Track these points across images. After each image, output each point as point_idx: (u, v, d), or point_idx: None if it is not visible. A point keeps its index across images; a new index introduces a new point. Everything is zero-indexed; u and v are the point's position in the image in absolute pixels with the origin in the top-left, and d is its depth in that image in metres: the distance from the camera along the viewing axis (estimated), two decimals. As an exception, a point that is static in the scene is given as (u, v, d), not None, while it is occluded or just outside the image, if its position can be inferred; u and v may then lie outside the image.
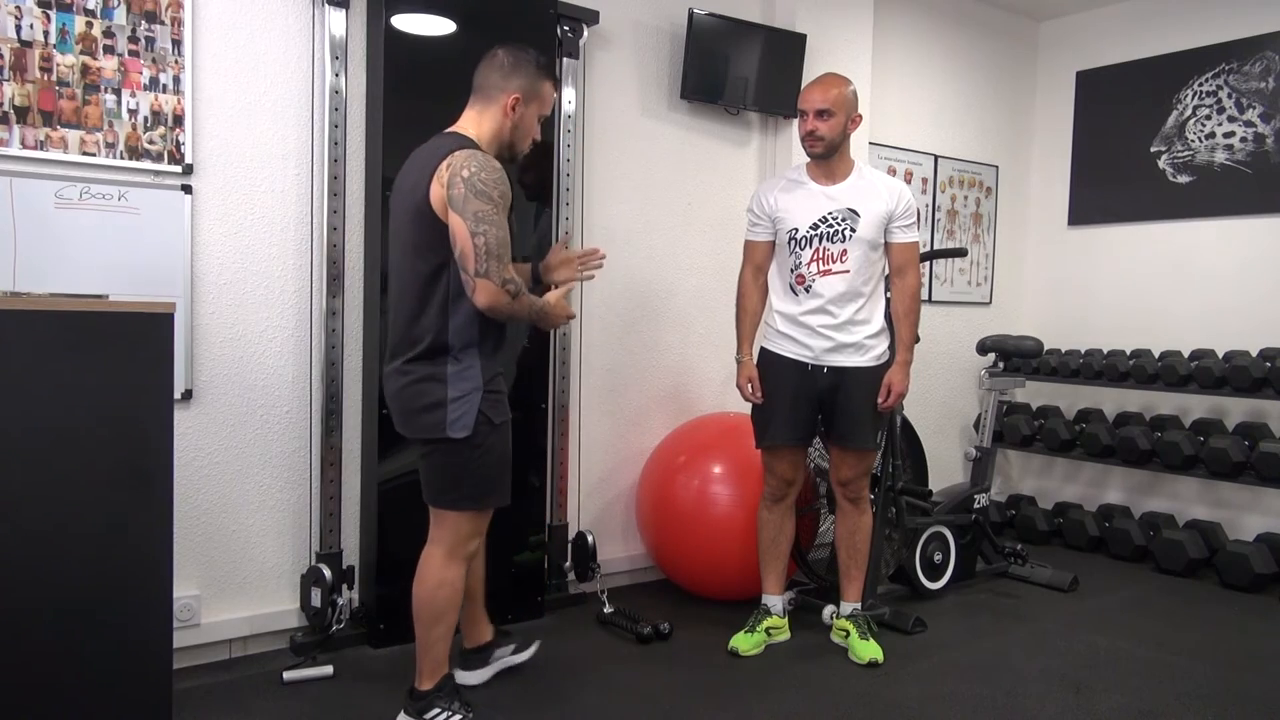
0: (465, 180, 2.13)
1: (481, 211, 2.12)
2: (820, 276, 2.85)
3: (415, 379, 2.24)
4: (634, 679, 2.78)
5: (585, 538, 3.38)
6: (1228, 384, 3.97)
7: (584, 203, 3.53)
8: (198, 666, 2.77)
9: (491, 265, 2.12)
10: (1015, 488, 5.08)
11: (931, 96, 4.72)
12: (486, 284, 2.12)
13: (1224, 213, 4.42)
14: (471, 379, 2.24)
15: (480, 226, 2.11)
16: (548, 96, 2.39)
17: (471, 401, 2.23)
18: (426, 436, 2.26)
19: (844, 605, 3.08)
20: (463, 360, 2.23)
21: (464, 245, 2.12)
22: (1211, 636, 3.28)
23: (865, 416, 2.89)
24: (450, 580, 2.32)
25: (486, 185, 2.14)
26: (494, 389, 2.29)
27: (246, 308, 2.85)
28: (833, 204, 2.86)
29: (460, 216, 2.12)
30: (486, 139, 2.31)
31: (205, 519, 2.81)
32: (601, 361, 3.63)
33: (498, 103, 2.31)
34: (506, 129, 2.33)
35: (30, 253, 2.48)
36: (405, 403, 2.27)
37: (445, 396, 2.21)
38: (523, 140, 2.39)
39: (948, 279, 4.86)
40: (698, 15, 3.64)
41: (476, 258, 2.11)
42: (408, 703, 2.40)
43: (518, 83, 2.31)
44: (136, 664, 1.92)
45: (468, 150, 2.19)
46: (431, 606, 2.32)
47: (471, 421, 2.23)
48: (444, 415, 2.21)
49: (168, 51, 2.67)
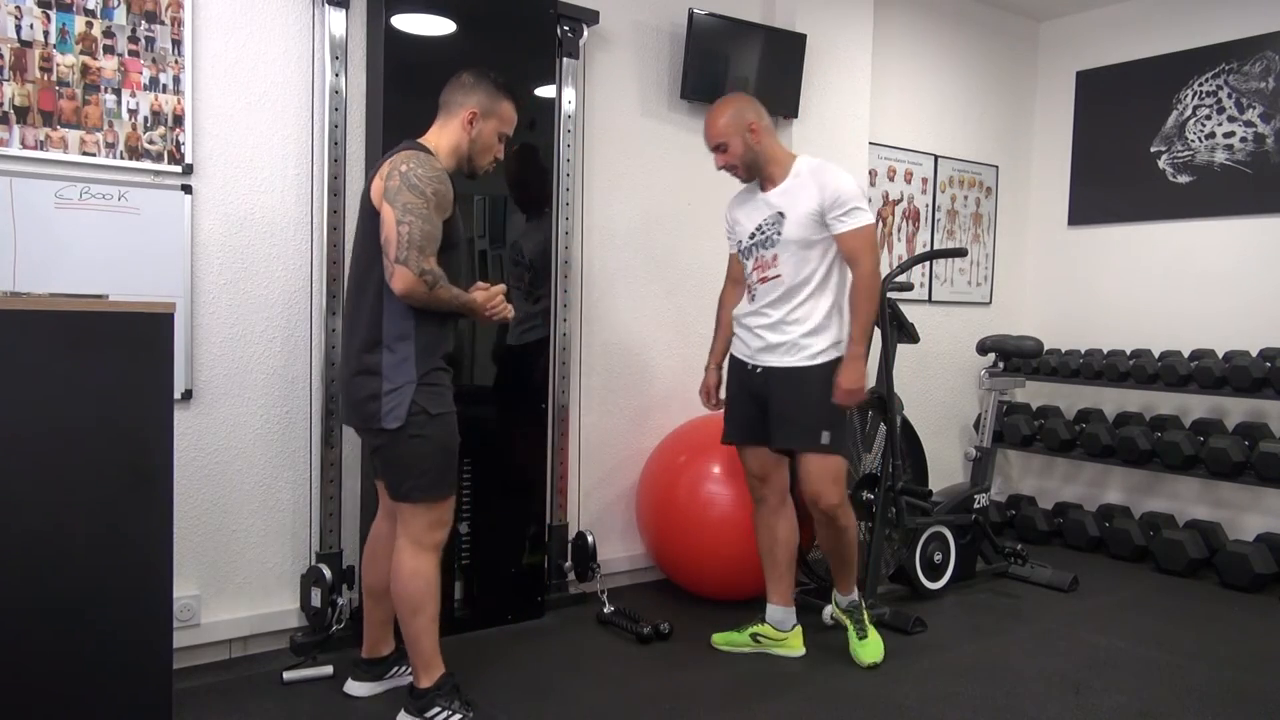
0: (402, 175, 2.23)
1: (410, 203, 2.20)
2: (760, 284, 2.89)
3: (358, 370, 2.32)
4: (634, 679, 2.78)
5: (585, 537, 3.38)
6: (1228, 384, 3.97)
7: (584, 203, 3.53)
8: (198, 666, 2.77)
9: (411, 254, 2.18)
10: (1015, 488, 5.08)
11: (931, 96, 4.72)
12: (404, 271, 2.18)
13: (1224, 213, 4.42)
14: (405, 372, 2.29)
15: (406, 217, 2.19)
16: (506, 115, 2.48)
17: (405, 393, 2.28)
18: (365, 427, 2.35)
19: (838, 597, 3.08)
20: (397, 352, 2.29)
21: (388, 232, 2.21)
22: (1211, 636, 3.28)
23: (792, 416, 2.82)
24: (422, 571, 2.35)
25: (420, 181, 2.23)
26: (430, 381, 2.33)
27: (246, 308, 2.85)
28: (768, 210, 2.87)
29: (390, 206, 2.21)
30: (445, 150, 2.40)
31: (205, 519, 2.81)
32: (601, 362, 3.63)
33: (457, 117, 2.41)
34: (465, 143, 2.42)
35: (30, 253, 2.48)
36: (349, 394, 2.37)
37: (380, 389, 2.28)
38: (482, 155, 2.46)
39: (948, 279, 4.86)
40: (698, 15, 3.64)
41: (397, 245, 2.19)
42: (408, 701, 2.41)
43: (476, 98, 2.41)
44: (136, 664, 1.92)
45: (412, 150, 2.31)
46: (407, 598, 2.35)
47: (404, 413, 2.28)
48: (379, 407, 2.28)
49: (168, 51, 2.67)
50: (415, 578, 2.34)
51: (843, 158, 4.17)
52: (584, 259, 3.54)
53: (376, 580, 2.54)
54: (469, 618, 3.12)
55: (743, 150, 2.82)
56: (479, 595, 3.15)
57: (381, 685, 2.62)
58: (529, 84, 3.23)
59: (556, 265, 3.36)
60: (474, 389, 3.09)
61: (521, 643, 3.05)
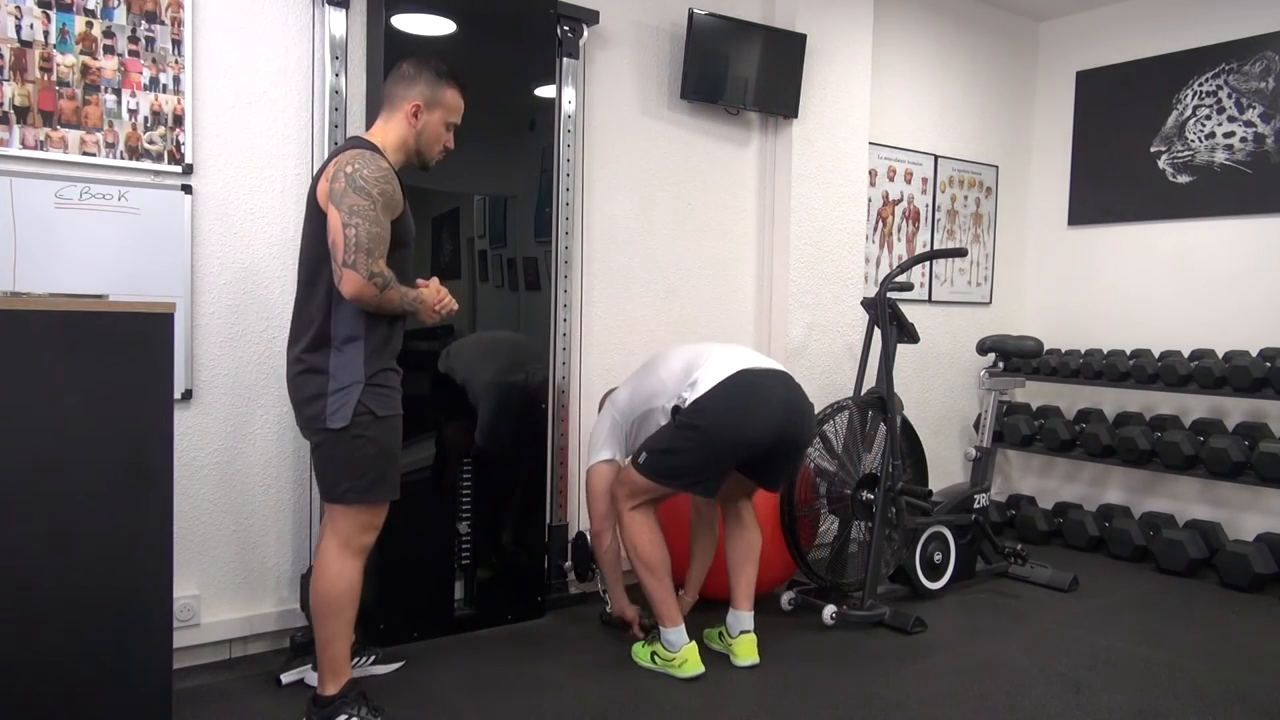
0: (347, 176, 2.19)
1: (357, 206, 2.17)
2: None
3: (303, 369, 2.29)
4: (634, 679, 2.78)
5: (585, 537, 3.38)
6: (1228, 384, 3.97)
7: (584, 203, 3.53)
8: (198, 666, 2.77)
9: (359, 258, 2.16)
10: (1015, 488, 5.07)
11: (931, 96, 4.72)
12: (352, 275, 2.16)
13: (1224, 213, 4.41)
14: (353, 372, 2.27)
15: (353, 219, 2.16)
16: (451, 103, 2.43)
17: (351, 394, 2.26)
18: (309, 426, 2.31)
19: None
20: (345, 352, 2.27)
21: (335, 236, 2.18)
22: (1211, 636, 3.28)
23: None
24: (346, 573, 2.32)
25: (367, 182, 2.19)
26: (379, 383, 2.30)
27: (246, 308, 2.85)
28: None
29: (336, 209, 2.18)
30: (391, 145, 2.37)
31: (205, 519, 2.81)
32: (602, 362, 3.63)
33: (400, 110, 2.38)
34: (411, 136, 2.39)
35: (30, 253, 2.48)
36: (294, 392, 2.33)
37: (326, 388, 2.26)
38: (430, 147, 2.43)
39: (948, 279, 4.86)
40: (698, 15, 3.64)
41: (345, 249, 2.16)
42: (311, 710, 2.36)
43: (418, 90, 2.38)
44: (136, 664, 1.92)
45: (357, 150, 2.26)
46: (327, 600, 2.31)
47: (350, 413, 2.25)
48: (324, 406, 2.26)
49: (168, 51, 2.67)
50: (339, 579, 2.30)
51: (843, 158, 4.18)
52: (584, 259, 3.53)
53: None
54: (469, 618, 3.12)
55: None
56: (479, 595, 3.15)
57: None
58: (529, 84, 3.23)
59: (556, 265, 3.36)
60: (474, 389, 3.09)
61: (521, 643, 3.05)
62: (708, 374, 2.75)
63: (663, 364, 2.93)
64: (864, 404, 3.54)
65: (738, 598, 2.94)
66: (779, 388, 2.79)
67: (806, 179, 4.04)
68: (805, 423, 2.86)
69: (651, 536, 2.82)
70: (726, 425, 2.70)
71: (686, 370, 2.82)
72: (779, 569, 3.40)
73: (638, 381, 3.00)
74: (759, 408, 2.72)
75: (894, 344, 3.56)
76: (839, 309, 4.21)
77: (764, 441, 2.74)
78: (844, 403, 3.56)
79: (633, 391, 2.99)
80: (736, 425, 2.70)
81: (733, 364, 2.77)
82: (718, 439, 2.70)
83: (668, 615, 2.81)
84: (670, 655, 2.82)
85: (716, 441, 2.70)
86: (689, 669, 2.79)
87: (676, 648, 2.81)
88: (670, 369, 2.89)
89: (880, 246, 4.56)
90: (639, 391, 2.97)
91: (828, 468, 3.49)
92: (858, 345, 4.03)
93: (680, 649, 2.80)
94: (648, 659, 2.87)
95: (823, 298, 4.14)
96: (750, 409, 2.71)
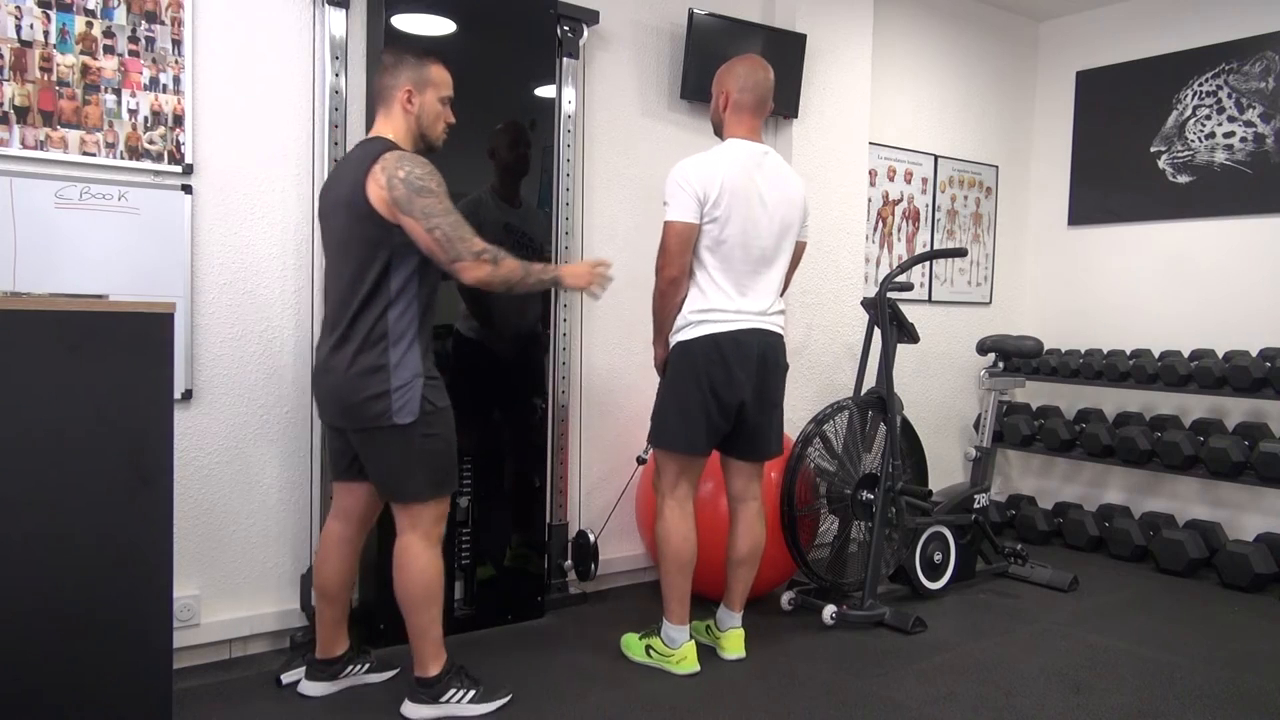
0: (403, 181, 2.23)
1: (428, 206, 2.23)
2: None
3: (359, 370, 2.30)
4: (635, 679, 2.78)
5: (586, 536, 3.38)
6: (1228, 384, 3.97)
7: (584, 203, 3.53)
8: (198, 666, 2.77)
9: (459, 249, 2.24)
10: (1015, 488, 5.08)
11: (931, 96, 4.72)
12: (464, 266, 2.25)
13: (1224, 213, 4.42)
14: (412, 367, 2.32)
15: (432, 220, 2.22)
16: (438, 79, 2.45)
17: (414, 388, 2.31)
18: (372, 426, 2.32)
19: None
20: (402, 349, 2.31)
21: (426, 244, 2.24)
22: (1211, 636, 3.28)
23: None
24: (434, 563, 2.40)
25: (423, 179, 2.24)
26: (433, 375, 2.38)
27: (246, 308, 2.85)
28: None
29: (411, 218, 2.23)
30: (401, 138, 2.40)
31: (205, 519, 2.81)
32: (602, 362, 3.63)
33: (395, 101, 2.41)
34: (413, 123, 2.42)
35: (30, 253, 2.48)
36: (347, 396, 2.33)
37: (389, 385, 2.28)
38: (433, 128, 2.46)
39: (948, 279, 4.86)
40: (698, 15, 3.64)
41: (443, 249, 2.23)
42: (415, 691, 2.44)
43: (404, 76, 2.40)
44: (136, 664, 1.92)
45: (395, 152, 2.30)
46: (424, 590, 2.39)
47: (417, 407, 2.30)
48: (389, 404, 2.28)
49: (168, 51, 2.67)
50: (428, 570, 2.38)
51: (843, 158, 4.18)
52: (584, 259, 3.53)
53: (329, 581, 2.55)
54: (469, 618, 3.12)
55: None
56: (479, 595, 3.15)
57: (337, 685, 2.62)
58: (529, 84, 3.23)
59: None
60: (475, 389, 3.09)
61: (521, 643, 3.05)
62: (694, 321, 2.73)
63: (701, 269, 2.75)
64: (864, 404, 3.54)
65: (732, 598, 2.95)
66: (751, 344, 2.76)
67: (806, 179, 4.00)
68: (770, 363, 2.80)
69: (685, 533, 2.82)
70: (692, 364, 2.72)
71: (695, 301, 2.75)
72: (779, 569, 3.40)
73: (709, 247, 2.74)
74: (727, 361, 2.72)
75: (894, 344, 3.56)
76: (839, 309, 4.21)
77: (725, 378, 2.70)
78: (844, 403, 3.56)
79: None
80: (700, 360, 2.72)
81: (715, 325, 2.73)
82: (685, 372, 2.72)
83: (677, 613, 2.82)
84: (669, 651, 2.82)
85: (685, 375, 2.72)
86: (686, 666, 2.79)
87: (677, 644, 2.81)
88: (699, 284, 2.75)
89: (880, 246, 4.56)
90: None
91: (828, 468, 3.49)
92: (857, 345, 4.02)
93: (680, 645, 2.81)
94: (641, 652, 2.88)
95: (822, 298, 4.14)
96: (717, 361, 2.71)
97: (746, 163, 2.73)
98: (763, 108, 2.83)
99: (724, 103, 2.82)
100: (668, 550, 2.81)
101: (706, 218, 2.69)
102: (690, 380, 2.72)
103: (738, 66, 2.82)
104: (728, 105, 2.81)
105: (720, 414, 2.74)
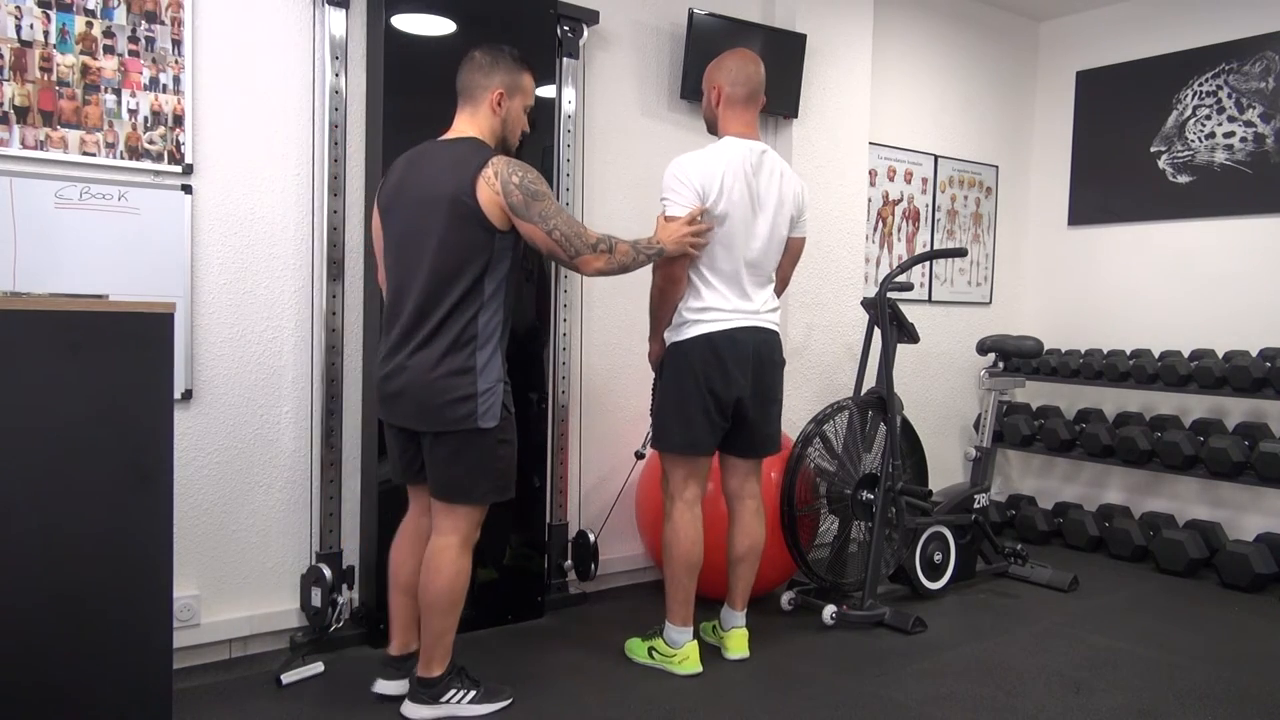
0: (519, 186, 2.28)
1: (544, 209, 2.30)
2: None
3: (446, 372, 2.29)
4: (635, 680, 2.78)
5: (586, 536, 3.38)
6: (1228, 384, 3.97)
7: (584, 202, 3.53)
8: (198, 666, 2.77)
9: (577, 245, 2.34)
10: (1015, 488, 5.08)
11: (931, 96, 4.72)
12: (585, 259, 2.36)
13: (1224, 213, 4.42)
14: (496, 371, 2.35)
15: (550, 222, 2.31)
16: (529, 87, 2.47)
17: (497, 393, 2.34)
18: (453, 429, 2.30)
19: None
20: (488, 352, 2.33)
21: (547, 245, 2.34)
22: (1211, 636, 3.28)
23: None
24: (467, 569, 2.42)
25: (535, 183, 2.31)
26: (509, 381, 2.42)
27: (246, 308, 2.85)
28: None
29: (530, 223, 2.30)
30: (486, 138, 2.41)
31: (205, 519, 2.81)
32: (602, 361, 3.63)
33: (484, 101, 2.40)
34: (498, 125, 2.43)
35: (30, 253, 2.48)
36: (431, 396, 2.30)
37: (476, 389, 2.30)
38: (514, 134, 2.48)
39: (948, 279, 4.86)
40: (698, 15, 3.64)
41: (563, 247, 2.33)
42: (417, 691, 2.44)
43: (499, 78, 2.40)
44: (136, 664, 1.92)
45: (501, 156, 2.34)
46: (451, 595, 2.39)
47: (499, 412, 2.34)
48: (474, 407, 2.30)
49: (168, 51, 2.67)
50: (461, 575, 2.40)
51: (843, 158, 4.18)
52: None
53: (411, 577, 2.51)
54: (469, 618, 3.08)
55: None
56: (479, 595, 3.14)
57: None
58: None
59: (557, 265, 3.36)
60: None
61: (522, 643, 3.05)
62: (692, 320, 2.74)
63: (697, 268, 2.74)
64: (864, 404, 3.54)
65: (734, 597, 2.95)
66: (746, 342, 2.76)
67: (806, 179, 4.01)
68: (766, 359, 2.81)
69: (695, 537, 2.81)
70: (689, 364, 2.74)
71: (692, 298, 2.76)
72: (779, 569, 3.40)
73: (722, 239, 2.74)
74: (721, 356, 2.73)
75: (894, 344, 3.56)
76: (839, 309, 4.21)
77: (719, 369, 2.71)
78: (844, 403, 3.56)
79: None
80: (695, 357, 2.73)
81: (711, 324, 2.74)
82: (682, 373, 2.73)
83: (680, 614, 2.82)
84: (671, 652, 2.82)
85: (682, 376, 2.73)
86: (688, 666, 2.79)
87: (679, 645, 2.81)
88: (694, 282, 2.75)
89: (880, 246, 4.56)
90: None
91: (828, 468, 3.49)
92: (857, 345, 4.03)
93: (683, 646, 2.81)
94: (644, 654, 2.88)
95: (822, 298, 4.14)
96: (711, 359, 2.73)
97: (744, 161, 2.73)
98: (755, 100, 2.82)
99: (716, 98, 2.82)
100: (677, 553, 2.81)
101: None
102: (688, 381, 2.73)
103: (727, 61, 2.82)
104: (720, 100, 2.81)
105: (719, 412, 2.74)
